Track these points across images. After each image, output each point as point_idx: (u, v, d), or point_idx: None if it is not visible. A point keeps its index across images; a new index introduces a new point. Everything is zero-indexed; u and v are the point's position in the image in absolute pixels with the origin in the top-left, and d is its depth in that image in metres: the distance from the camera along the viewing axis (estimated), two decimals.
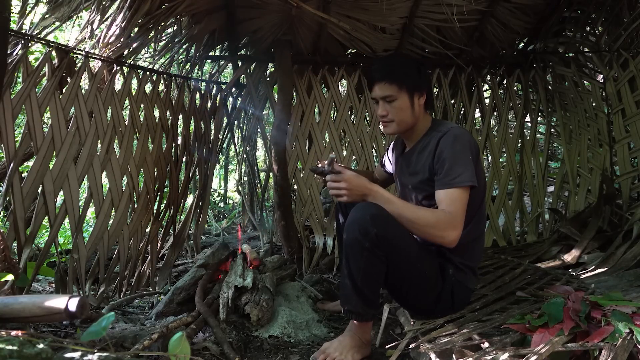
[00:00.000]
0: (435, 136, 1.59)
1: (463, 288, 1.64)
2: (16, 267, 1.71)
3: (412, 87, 1.60)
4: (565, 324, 1.28)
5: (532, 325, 1.33)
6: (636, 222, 2.46)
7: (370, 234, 1.42)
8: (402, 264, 1.51)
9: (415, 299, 1.63)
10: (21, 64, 1.96)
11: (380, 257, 1.46)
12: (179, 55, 2.88)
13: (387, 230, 1.45)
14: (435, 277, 1.59)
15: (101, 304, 2.20)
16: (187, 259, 3.28)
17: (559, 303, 1.39)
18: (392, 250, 1.46)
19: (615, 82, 2.89)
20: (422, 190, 1.64)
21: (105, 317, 1.02)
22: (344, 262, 1.52)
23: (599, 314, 1.30)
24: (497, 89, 3.27)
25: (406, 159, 1.74)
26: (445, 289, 1.60)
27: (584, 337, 1.24)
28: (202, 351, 1.60)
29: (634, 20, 2.82)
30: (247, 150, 3.27)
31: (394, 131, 1.66)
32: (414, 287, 1.58)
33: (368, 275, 1.48)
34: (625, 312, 1.27)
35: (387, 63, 1.65)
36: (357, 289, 1.49)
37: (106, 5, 2.27)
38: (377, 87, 1.62)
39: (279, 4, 2.57)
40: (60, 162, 2.07)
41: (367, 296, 1.51)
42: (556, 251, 2.64)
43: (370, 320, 1.57)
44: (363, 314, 1.53)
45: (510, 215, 3.10)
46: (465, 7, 2.63)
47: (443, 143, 1.54)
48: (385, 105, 1.62)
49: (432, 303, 1.61)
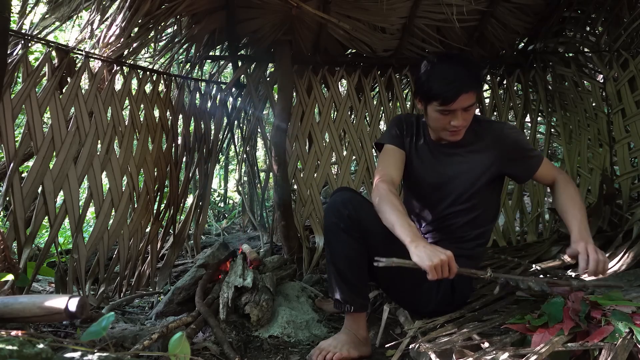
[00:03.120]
0: (489, 131, 1.62)
1: (464, 284, 1.63)
2: (16, 267, 1.71)
3: (480, 91, 1.62)
4: (565, 324, 1.27)
5: (532, 325, 1.33)
6: (636, 222, 2.46)
7: (343, 215, 1.49)
8: (381, 250, 1.45)
9: (407, 293, 1.62)
10: (21, 64, 1.96)
11: (357, 238, 1.49)
12: (179, 55, 2.88)
13: (359, 213, 1.50)
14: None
15: (101, 304, 2.20)
16: (187, 259, 3.28)
17: (558, 303, 1.39)
18: (367, 232, 1.49)
19: (615, 82, 2.89)
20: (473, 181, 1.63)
21: (105, 317, 1.02)
22: (326, 250, 1.57)
23: (599, 314, 1.30)
24: (497, 89, 3.26)
25: (447, 149, 1.65)
26: (444, 283, 1.57)
27: (584, 337, 1.23)
28: (202, 351, 1.60)
29: (634, 20, 2.82)
30: (247, 150, 3.27)
31: (460, 137, 1.59)
32: (401, 278, 1.56)
33: (348, 258, 1.51)
34: (625, 312, 1.27)
35: (474, 72, 1.54)
36: (341, 274, 1.52)
37: (106, 5, 2.27)
38: (463, 97, 1.46)
39: (279, 4, 2.57)
40: (60, 162, 2.07)
41: (352, 281, 1.52)
42: (556, 251, 2.63)
43: (361, 312, 1.56)
44: (350, 302, 1.53)
45: (510, 215, 3.10)
46: (465, 7, 2.63)
47: (510, 134, 1.63)
48: (465, 114, 1.52)
49: (427, 298, 1.59)
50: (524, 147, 1.63)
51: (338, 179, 2.93)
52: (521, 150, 1.62)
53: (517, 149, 1.61)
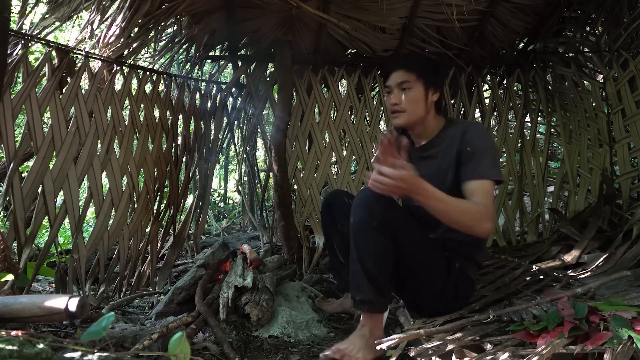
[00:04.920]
0: (459, 128, 1.59)
1: (467, 283, 1.64)
2: (16, 267, 1.71)
3: (429, 81, 1.60)
4: (565, 327, 1.27)
5: (534, 331, 1.32)
6: (636, 223, 2.46)
7: (376, 213, 1.44)
8: (408, 249, 1.50)
9: (419, 291, 1.63)
10: (21, 64, 1.96)
11: (388, 237, 1.46)
12: (179, 55, 2.88)
13: (392, 212, 1.48)
14: (441, 268, 1.59)
15: (101, 304, 2.20)
16: (187, 259, 3.28)
17: (554, 308, 1.39)
18: (398, 232, 1.47)
19: (615, 82, 2.89)
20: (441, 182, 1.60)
21: (105, 317, 1.02)
22: (352, 248, 1.50)
23: (598, 318, 1.29)
24: (497, 89, 3.26)
25: (421, 153, 1.69)
26: (450, 282, 1.59)
27: (584, 340, 1.23)
28: (202, 351, 1.60)
29: (634, 20, 2.82)
30: (247, 150, 3.27)
31: (404, 122, 1.64)
32: (420, 276, 1.58)
33: (378, 257, 1.47)
34: (625, 318, 1.26)
35: (409, 55, 1.68)
36: (368, 273, 1.47)
37: (106, 5, 2.27)
38: (395, 74, 1.61)
39: (279, 4, 2.57)
40: (60, 162, 2.07)
41: (379, 281, 1.48)
42: (556, 251, 2.63)
43: (382, 312, 1.55)
44: (375, 303, 1.50)
45: (510, 215, 3.10)
46: (465, 7, 2.63)
47: (472, 133, 1.55)
48: (399, 94, 1.60)
49: (435, 297, 1.61)
50: (478, 154, 1.50)
51: (338, 179, 2.93)
52: (473, 155, 1.51)
53: (471, 152, 1.52)
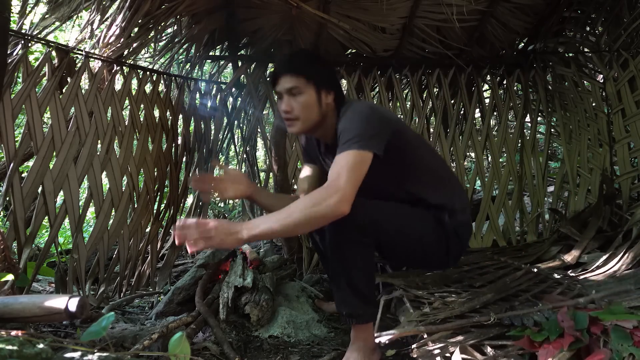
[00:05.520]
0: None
1: (459, 237, 1.63)
2: (16, 267, 1.71)
3: (320, 82, 1.50)
4: (565, 340, 1.25)
5: (535, 340, 1.31)
6: (636, 223, 2.46)
7: (366, 229, 1.43)
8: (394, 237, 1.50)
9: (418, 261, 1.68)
10: (21, 64, 1.96)
11: (368, 244, 1.45)
12: (179, 55, 2.88)
13: (374, 216, 1.45)
14: (433, 232, 1.58)
15: (101, 304, 2.20)
16: (187, 259, 3.28)
17: (554, 317, 1.38)
18: (380, 234, 1.46)
19: (615, 82, 2.89)
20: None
21: (105, 317, 1.02)
22: (331, 261, 1.48)
23: (599, 329, 1.26)
24: (497, 89, 3.26)
25: (331, 154, 1.59)
26: (442, 239, 1.59)
27: (585, 352, 1.21)
28: (202, 351, 1.60)
29: (634, 20, 2.82)
30: (247, 150, 3.27)
31: (300, 130, 1.54)
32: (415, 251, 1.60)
33: (363, 270, 1.46)
34: (626, 328, 1.22)
35: (294, 56, 1.58)
36: (353, 287, 1.46)
37: (106, 5, 2.27)
38: (283, 79, 1.49)
39: (279, 4, 2.57)
40: (60, 162, 2.07)
41: (363, 292, 1.47)
42: (556, 251, 2.63)
43: (370, 321, 1.54)
44: (362, 314, 1.49)
45: (510, 215, 3.09)
46: (465, 7, 2.63)
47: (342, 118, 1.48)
48: (290, 100, 1.49)
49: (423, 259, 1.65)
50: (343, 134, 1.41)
51: None
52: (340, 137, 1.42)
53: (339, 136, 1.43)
